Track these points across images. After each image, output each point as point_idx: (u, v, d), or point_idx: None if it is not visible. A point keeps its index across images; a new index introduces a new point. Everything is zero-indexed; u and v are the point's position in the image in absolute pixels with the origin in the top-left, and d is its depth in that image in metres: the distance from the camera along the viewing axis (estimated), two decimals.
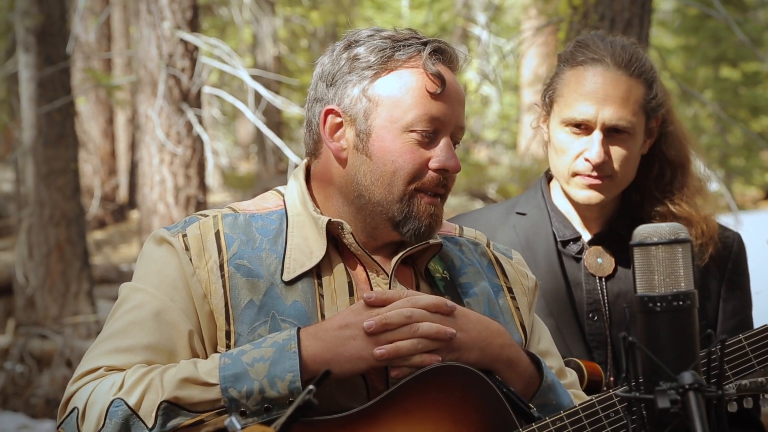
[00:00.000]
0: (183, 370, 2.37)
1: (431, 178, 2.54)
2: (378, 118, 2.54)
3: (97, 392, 2.38)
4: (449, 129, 2.56)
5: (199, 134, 9.23)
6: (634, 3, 6.01)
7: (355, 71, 2.56)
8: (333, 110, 2.58)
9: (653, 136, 3.31)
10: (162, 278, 2.52)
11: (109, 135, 19.70)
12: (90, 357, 2.48)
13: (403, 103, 2.53)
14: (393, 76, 2.55)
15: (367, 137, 2.54)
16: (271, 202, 2.66)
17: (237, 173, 27.98)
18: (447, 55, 2.58)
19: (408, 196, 2.53)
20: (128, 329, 2.48)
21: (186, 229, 2.56)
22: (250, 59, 22.76)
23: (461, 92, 2.60)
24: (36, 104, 11.16)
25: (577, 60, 3.24)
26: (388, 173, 2.53)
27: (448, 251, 2.71)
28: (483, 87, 20.94)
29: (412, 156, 2.52)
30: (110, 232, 19.40)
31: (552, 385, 2.57)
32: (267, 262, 2.53)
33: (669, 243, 2.03)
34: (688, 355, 2.00)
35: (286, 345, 2.36)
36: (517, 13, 23.84)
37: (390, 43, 2.56)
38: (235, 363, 2.36)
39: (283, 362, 2.34)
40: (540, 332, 2.79)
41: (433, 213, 2.55)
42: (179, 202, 9.16)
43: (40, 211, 11.26)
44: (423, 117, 2.52)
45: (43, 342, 10.90)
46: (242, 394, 2.33)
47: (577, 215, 3.36)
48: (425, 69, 2.54)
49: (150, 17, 9.08)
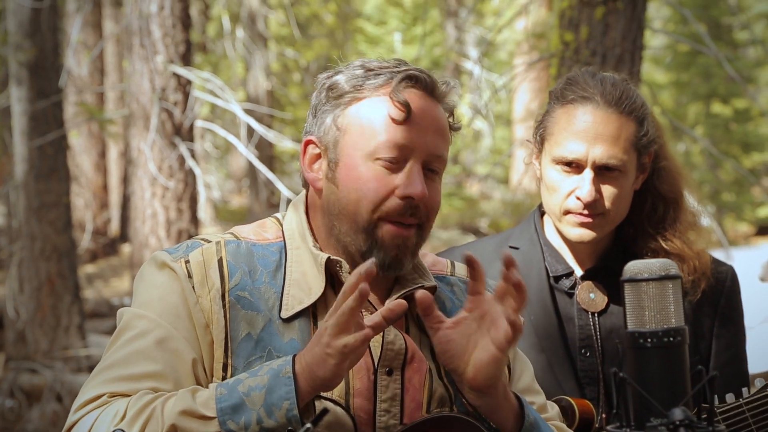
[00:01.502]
0: (181, 401, 2.33)
1: (395, 205, 2.47)
2: (346, 146, 2.51)
3: (101, 420, 2.34)
4: (418, 156, 2.49)
5: (191, 168, 9.24)
6: (625, 39, 6.04)
7: (330, 101, 2.55)
8: (312, 141, 2.58)
9: (646, 172, 3.31)
10: (164, 306, 2.47)
11: (101, 169, 19.73)
12: (92, 385, 2.43)
13: (368, 130, 2.49)
14: (361, 105, 2.52)
15: (336, 166, 2.52)
16: (271, 233, 2.62)
17: (229, 207, 27.98)
18: (421, 82, 2.52)
19: (372, 225, 2.48)
20: (131, 357, 2.43)
21: (189, 255, 2.51)
22: (243, 93, 22.81)
23: (438, 119, 2.53)
24: (28, 138, 11.17)
25: (567, 98, 3.23)
26: (353, 202, 2.48)
27: (440, 293, 2.67)
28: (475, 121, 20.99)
29: (376, 184, 2.47)
30: (101, 265, 19.38)
31: (535, 423, 2.54)
32: (266, 296, 2.50)
33: (659, 279, 2.03)
34: (679, 391, 2.00)
35: (281, 370, 2.32)
36: (510, 48, 23.95)
37: (364, 72, 2.54)
38: (231, 393, 2.32)
39: (279, 389, 2.30)
40: (522, 368, 2.76)
41: (401, 244, 2.49)
42: (171, 235, 9.16)
43: (32, 244, 11.25)
44: (387, 144, 2.47)
45: (33, 376, 10.86)
46: (240, 426, 2.28)
47: (569, 250, 3.35)
48: (392, 96, 2.49)
49: (143, 51, 9.11)
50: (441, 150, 2.53)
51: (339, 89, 2.54)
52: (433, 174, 2.54)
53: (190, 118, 9.30)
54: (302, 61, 24.36)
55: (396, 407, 2.49)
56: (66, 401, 10.37)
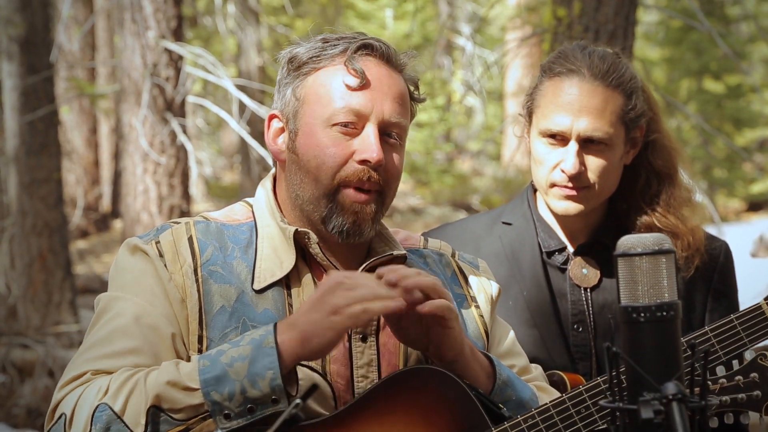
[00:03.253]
0: (165, 373, 2.36)
1: (354, 170, 2.53)
2: (304, 115, 2.58)
3: (84, 397, 2.37)
4: (374, 121, 2.55)
5: (183, 144, 9.22)
6: (618, 15, 6.03)
7: (290, 74, 2.63)
8: (275, 115, 2.66)
9: (637, 146, 3.31)
10: (139, 286, 2.52)
11: (93, 144, 19.67)
12: (75, 365, 2.47)
13: (325, 98, 2.56)
14: (318, 74, 2.59)
15: (296, 135, 2.59)
16: (240, 214, 2.69)
17: (221, 183, 27.94)
18: (377, 51, 2.60)
19: (333, 190, 2.54)
20: (111, 336, 2.47)
21: (159, 236, 2.57)
22: (234, 69, 22.75)
23: (395, 87, 2.59)
24: (19, 113, 11.12)
25: (554, 71, 3.25)
26: (313, 168, 2.54)
27: (413, 263, 2.73)
28: (467, 98, 20.95)
29: (334, 149, 2.53)
30: (93, 241, 19.35)
31: (508, 380, 2.60)
32: (238, 270, 2.55)
33: (653, 254, 2.03)
34: (672, 365, 2.01)
35: (263, 341, 2.35)
36: (502, 23, 23.90)
37: (322, 44, 2.61)
38: (214, 365, 2.34)
39: (262, 359, 2.32)
40: (501, 333, 2.82)
41: (359, 210, 2.54)
42: (163, 211, 9.14)
43: (23, 220, 11.22)
44: (342, 110, 2.53)
45: (25, 352, 10.85)
46: (225, 397, 2.31)
47: (562, 226, 3.36)
48: (347, 64, 2.56)
49: (134, 26, 9.07)
50: (398, 116, 2.58)
51: (298, 61, 2.61)
52: (393, 141, 2.59)
53: (181, 93, 9.27)
54: (294, 36, 24.27)
55: (373, 372, 2.54)
56: (58, 377, 10.37)
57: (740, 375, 2.86)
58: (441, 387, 2.44)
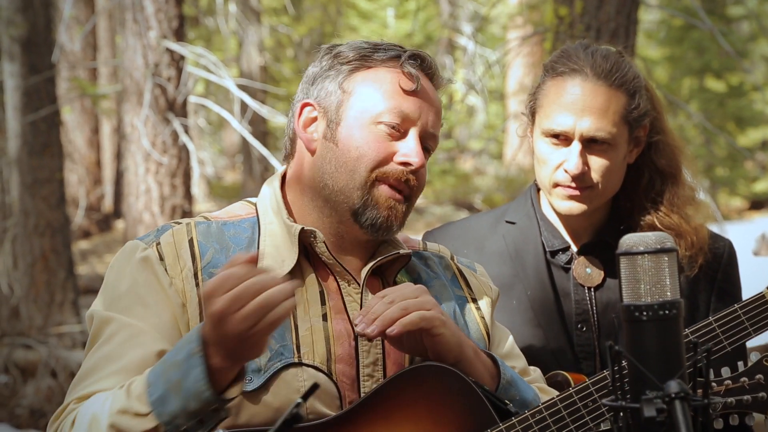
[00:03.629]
0: (117, 400, 2.33)
1: (394, 169, 2.56)
2: (350, 108, 2.60)
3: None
4: (419, 128, 2.59)
5: (185, 143, 9.22)
6: (619, 13, 6.03)
7: (334, 67, 2.64)
8: (309, 103, 2.66)
9: (641, 145, 3.30)
10: (132, 298, 2.50)
11: (95, 144, 19.67)
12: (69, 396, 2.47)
13: (376, 95, 2.58)
14: (370, 72, 2.62)
15: (337, 126, 2.60)
16: (241, 210, 2.69)
17: (223, 183, 27.95)
18: (426, 63, 2.65)
19: (369, 183, 2.56)
20: (99, 364, 2.46)
21: (159, 238, 2.56)
22: (236, 69, 22.75)
23: (437, 102, 2.64)
24: (21, 113, 11.13)
25: (557, 71, 3.24)
26: (352, 159, 2.56)
27: (415, 265, 2.75)
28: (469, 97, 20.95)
29: (377, 145, 2.56)
30: (95, 241, 19.36)
31: (512, 380, 2.61)
32: None
33: (655, 252, 2.03)
34: (674, 364, 2.01)
35: (191, 349, 2.27)
36: (503, 22, 23.89)
37: (371, 46, 2.65)
38: (157, 382, 2.29)
39: (192, 371, 2.25)
40: (500, 337, 2.83)
41: (393, 207, 2.56)
42: (165, 211, 9.14)
43: (25, 220, 11.22)
44: (393, 110, 2.57)
45: (28, 352, 10.86)
46: (174, 415, 2.27)
47: (565, 225, 3.35)
48: (401, 68, 2.60)
49: (136, 27, 9.07)
50: (437, 129, 2.64)
51: (345, 56, 2.63)
52: (427, 153, 2.63)
53: (183, 93, 9.27)
54: (295, 36, 24.29)
55: (379, 371, 2.54)
56: (61, 377, 10.38)
57: (745, 376, 2.85)
58: (447, 384, 2.45)
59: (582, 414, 2.53)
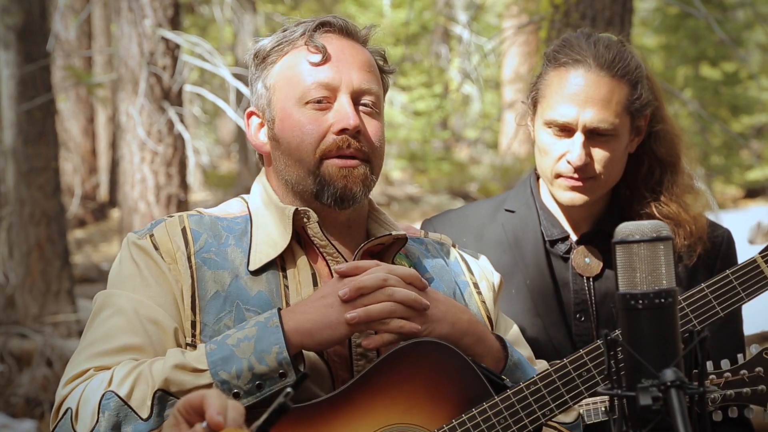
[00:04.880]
0: (172, 357, 2.38)
1: (333, 141, 2.56)
2: (277, 102, 2.63)
3: (88, 390, 2.38)
4: (345, 91, 2.59)
5: (180, 132, 9.22)
6: (615, 2, 6.02)
7: (258, 68, 2.69)
8: (252, 112, 2.72)
9: (642, 135, 3.29)
10: (137, 281, 2.54)
11: (90, 133, 19.66)
12: (76, 362, 2.48)
13: (293, 79, 2.61)
14: (283, 60, 2.64)
15: (273, 123, 2.64)
16: (236, 208, 2.72)
17: (218, 172, 27.93)
18: (335, 26, 2.65)
19: (315, 164, 2.57)
20: (111, 332, 2.48)
21: (153, 230, 2.60)
22: (231, 57, 22.71)
23: (360, 56, 2.64)
24: (16, 102, 11.11)
25: (559, 61, 3.22)
26: (294, 148, 2.59)
27: (414, 249, 2.76)
28: (464, 86, 20.93)
29: (311, 126, 2.57)
30: (91, 230, 19.36)
31: (519, 362, 2.61)
32: (232, 256, 2.57)
33: (651, 240, 2.03)
34: (670, 352, 2.01)
35: (268, 322, 2.38)
36: (499, 11, 23.87)
37: (282, 33, 2.67)
38: (221, 347, 2.37)
39: (267, 337, 2.36)
40: (506, 326, 2.84)
41: (348, 175, 2.56)
42: (160, 200, 9.14)
43: (21, 209, 11.21)
44: (312, 86, 2.58)
45: (23, 341, 10.85)
46: (232, 375, 2.34)
47: (564, 214, 3.35)
48: (307, 43, 2.62)
49: (131, 15, 9.06)
50: (369, 83, 2.63)
51: (262, 53, 2.67)
52: (369, 109, 2.62)
53: (178, 82, 9.26)
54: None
55: (372, 351, 2.55)
56: (56, 366, 10.38)
57: (745, 369, 2.86)
58: (442, 359, 2.45)
59: (576, 384, 2.54)
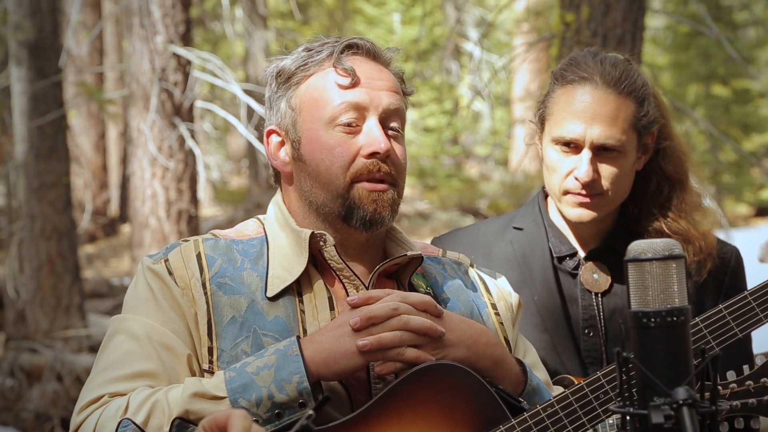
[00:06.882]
0: (190, 386, 2.36)
1: (364, 164, 2.53)
2: (304, 122, 2.59)
3: (104, 418, 2.37)
4: (374, 114, 2.57)
5: (191, 148, 9.24)
6: (626, 20, 6.03)
7: (281, 87, 2.65)
8: (273, 130, 2.67)
9: (649, 152, 3.31)
10: (152, 306, 2.52)
11: (101, 149, 19.72)
12: (91, 387, 2.46)
13: (321, 101, 2.57)
14: (309, 81, 2.61)
15: (299, 144, 2.60)
16: (251, 230, 2.69)
17: (228, 187, 27.99)
18: (362, 48, 2.63)
19: (346, 188, 2.54)
20: (126, 358, 2.47)
21: (168, 255, 2.58)
22: (242, 73, 22.78)
23: (386, 78, 2.62)
24: (28, 118, 11.14)
25: (567, 78, 3.24)
26: (323, 171, 2.55)
27: (431, 269, 2.74)
28: (475, 103, 20.96)
29: (341, 149, 2.54)
30: (101, 246, 19.39)
31: (537, 388, 2.59)
32: (248, 280, 2.55)
33: (663, 259, 2.03)
34: (682, 370, 2.01)
35: (288, 350, 2.37)
36: (509, 28, 23.91)
37: (307, 53, 2.65)
38: (240, 374, 2.36)
39: (288, 366, 2.35)
40: (525, 348, 2.81)
41: (378, 199, 2.54)
42: (171, 216, 9.16)
43: (32, 224, 11.24)
44: (341, 107, 2.55)
45: (34, 356, 10.87)
46: (252, 403, 2.32)
47: (573, 231, 3.36)
48: (335, 65, 2.59)
49: (143, 31, 9.09)
50: (396, 105, 2.60)
51: (286, 73, 2.64)
52: (395, 133, 2.61)
53: (189, 98, 9.29)
54: (301, 41, 24.30)
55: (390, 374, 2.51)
56: (66, 381, 10.39)
57: (751, 380, 2.85)
58: (458, 381, 2.44)
59: (594, 407, 2.52)
